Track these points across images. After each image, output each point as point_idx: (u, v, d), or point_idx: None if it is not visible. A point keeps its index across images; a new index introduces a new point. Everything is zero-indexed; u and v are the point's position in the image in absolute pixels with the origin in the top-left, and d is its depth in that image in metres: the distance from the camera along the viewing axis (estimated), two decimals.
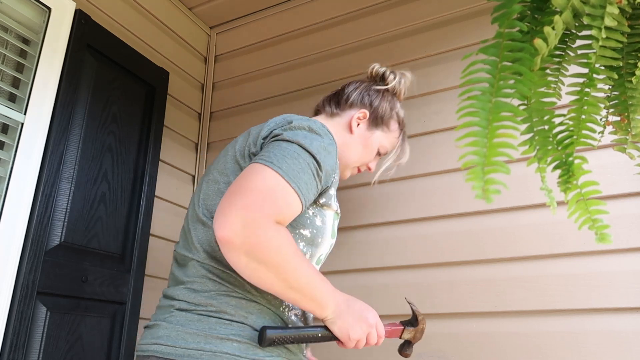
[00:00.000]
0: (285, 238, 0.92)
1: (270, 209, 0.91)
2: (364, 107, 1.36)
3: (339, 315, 0.99)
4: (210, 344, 0.93)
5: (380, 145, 1.38)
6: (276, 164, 0.95)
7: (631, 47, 0.60)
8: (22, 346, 1.38)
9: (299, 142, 1.00)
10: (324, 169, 1.02)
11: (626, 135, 0.66)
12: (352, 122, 1.34)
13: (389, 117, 1.38)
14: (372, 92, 1.39)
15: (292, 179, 0.95)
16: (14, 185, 1.43)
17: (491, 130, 0.46)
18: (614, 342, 1.32)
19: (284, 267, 0.92)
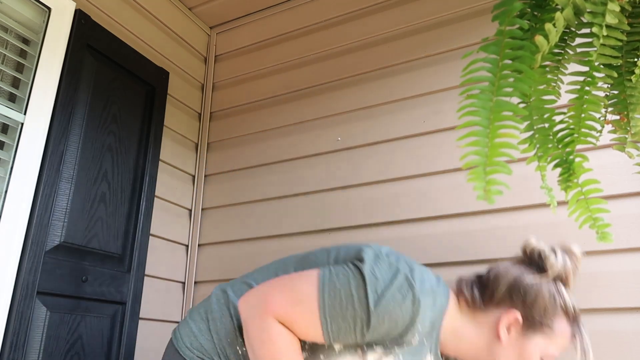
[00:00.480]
0: (274, 337, 0.94)
1: (280, 308, 0.94)
2: (513, 306, 1.05)
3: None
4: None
5: (545, 355, 1.06)
6: (328, 285, 0.95)
7: (631, 46, 0.60)
8: (22, 346, 1.38)
9: (367, 288, 0.93)
10: (372, 333, 0.94)
11: (625, 134, 0.65)
12: (500, 330, 1.04)
13: (552, 314, 1.05)
14: (526, 284, 1.06)
15: (324, 311, 0.94)
16: (14, 185, 1.43)
17: (492, 129, 0.46)
18: (614, 342, 1.32)
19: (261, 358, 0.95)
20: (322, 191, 1.88)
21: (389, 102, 1.84)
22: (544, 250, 1.08)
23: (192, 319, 1.12)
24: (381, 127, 1.84)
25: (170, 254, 2.00)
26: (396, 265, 0.99)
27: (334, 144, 1.82)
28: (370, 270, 0.96)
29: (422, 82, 1.80)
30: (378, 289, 0.94)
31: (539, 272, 1.07)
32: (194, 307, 1.16)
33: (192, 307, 1.14)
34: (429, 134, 1.74)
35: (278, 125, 2.07)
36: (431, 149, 1.72)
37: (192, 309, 1.16)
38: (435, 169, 1.69)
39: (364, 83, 1.92)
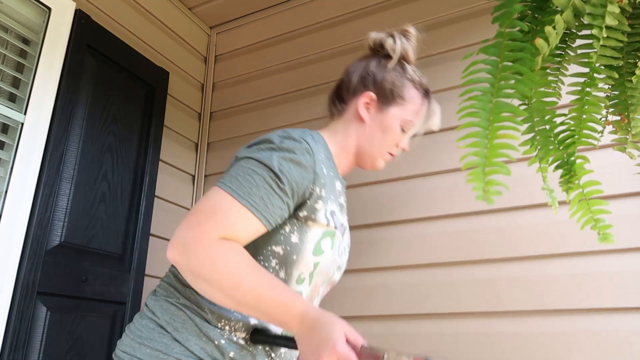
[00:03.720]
0: (224, 252, 0.90)
1: (211, 226, 0.92)
2: (367, 89, 1.20)
3: (304, 336, 0.91)
4: (131, 347, 0.98)
5: (402, 121, 1.20)
6: (227, 183, 0.96)
7: (631, 47, 0.60)
8: (22, 346, 1.38)
9: (256, 158, 0.98)
10: (289, 181, 0.97)
11: (626, 134, 0.65)
12: (360, 110, 1.19)
13: (400, 86, 1.20)
14: (372, 67, 1.22)
15: (240, 196, 0.94)
16: (14, 185, 1.43)
17: (492, 130, 0.46)
18: (614, 342, 1.32)
19: (224, 283, 0.90)
20: None
21: None
22: (382, 37, 1.23)
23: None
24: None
25: None
26: (269, 137, 1.05)
27: None
28: (249, 148, 1.03)
29: None
30: (265, 148, 1.01)
31: (382, 58, 1.22)
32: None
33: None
34: (428, 134, 1.74)
35: (278, 125, 2.07)
36: (431, 149, 1.72)
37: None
38: (435, 169, 1.69)
39: None
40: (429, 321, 1.56)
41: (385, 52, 1.23)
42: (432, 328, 1.55)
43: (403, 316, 1.60)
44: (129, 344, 0.98)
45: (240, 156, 1.02)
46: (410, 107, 1.21)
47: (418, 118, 1.23)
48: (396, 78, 1.20)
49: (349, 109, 1.23)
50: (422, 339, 1.55)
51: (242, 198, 0.93)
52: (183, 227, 0.94)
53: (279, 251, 1.03)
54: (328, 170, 1.08)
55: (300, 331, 0.90)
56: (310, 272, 1.08)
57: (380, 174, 1.78)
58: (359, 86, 1.22)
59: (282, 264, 1.03)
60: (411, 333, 1.57)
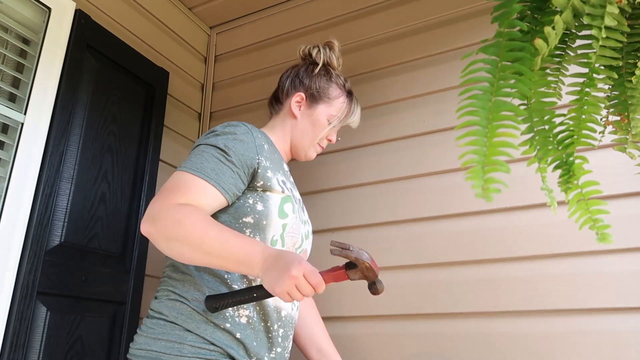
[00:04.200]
0: (187, 211, 1.02)
1: (171, 196, 1.06)
2: (297, 91, 1.44)
3: (266, 271, 0.99)
4: (146, 343, 1.09)
5: (328, 116, 1.44)
6: (182, 165, 1.12)
7: (631, 47, 0.60)
8: (22, 346, 1.38)
9: (204, 142, 1.16)
10: (235, 153, 1.14)
11: (626, 134, 0.66)
12: (292, 108, 1.42)
13: (326, 87, 1.45)
14: (301, 72, 1.47)
15: (194, 170, 1.09)
16: (14, 185, 1.43)
17: (491, 129, 0.46)
18: (614, 342, 1.32)
19: (191, 236, 1.00)
20: (322, 191, 1.88)
21: (389, 102, 1.84)
22: (309, 48, 1.52)
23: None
24: (381, 127, 1.83)
25: None
26: (213, 129, 1.24)
27: (333, 144, 1.82)
28: (202, 139, 1.21)
29: (422, 82, 1.80)
30: (210, 136, 1.19)
31: (309, 64, 1.49)
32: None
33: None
34: (429, 134, 1.74)
35: None
36: (431, 149, 1.72)
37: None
38: (435, 169, 1.69)
39: (363, 83, 1.92)
40: (429, 321, 1.56)
41: (313, 60, 1.50)
42: (432, 328, 1.55)
43: (403, 316, 1.60)
44: (144, 342, 1.09)
45: (193, 147, 1.20)
46: (335, 104, 1.45)
47: (341, 113, 1.46)
48: (322, 80, 1.45)
49: (284, 108, 1.46)
50: (422, 339, 1.55)
51: (196, 171, 1.09)
52: (150, 205, 1.07)
53: (249, 220, 1.16)
54: (270, 148, 1.27)
55: (263, 267, 0.99)
56: (281, 234, 1.21)
57: (381, 173, 1.78)
58: (291, 88, 1.46)
59: (255, 230, 1.16)
60: (411, 333, 1.57)
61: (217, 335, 1.08)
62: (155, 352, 1.05)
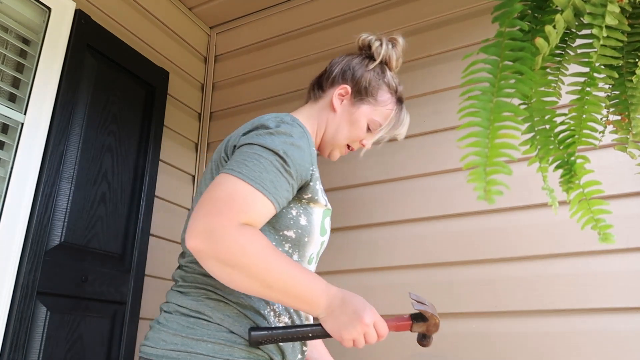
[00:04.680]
0: (251, 238, 0.91)
1: (232, 213, 0.91)
2: (345, 82, 1.28)
3: (331, 314, 0.95)
4: (186, 345, 0.97)
5: (370, 120, 1.28)
6: (236, 169, 0.96)
7: (631, 46, 0.60)
8: (22, 346, 1.38)
9: (260, 143, 1.00)
10: (294, 164, 1.00)
11: (627, 134, 0.65)
12: (334, 100, 1.27)
13: (376, 87, 1.28)
14: (355, 64, 1.30)
15: (253, 180, 0.95)
16: (14, 185, 1.43)
17: (492, 130, 0.46)
18: (614, 342, 1.32)
19: (255, 267, 0.91)
20: None
21: None
22: (370, 39, 1.32)
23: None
24: None
25: (170, 254, 2.00)
26: (263, 123, 1.07)
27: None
28: (247, 135, 1.05)
29: (422, 82, 1.80)
30: (264, 133, 1.03)
31: (365, 58, 1.31)
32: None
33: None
34: (429, 134, 1.74)
35: None
36: (431, 149, 1.72)
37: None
38: (435, 169, 1.69)
39: None
40: None
41: (370, 53, 1.31)
42: None
43: None
44: (181, 342, 0.97)
45: (241, 143, 1.03)
46: (381, 109, 1.28)
47: (386, 122, 1.30)
48: (374, 79, 1.28)
49: (325, 97, 1.30)
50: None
51: (255, 182, 0.94)
52: (202, 214, 0.92)
53: (290, 235, 1.06)
54: (314, 150, 1.13)
55: (328, 309, 0.95)
56: (317, 252, 1.14)
57: (381, 173, 1.78)
58: (338, 78, 1.29)
59: (295, 247, 1.07)
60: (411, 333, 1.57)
61: None
62: (202, 355, 0.96)
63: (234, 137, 1.09)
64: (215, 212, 0.91)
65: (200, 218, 0.92)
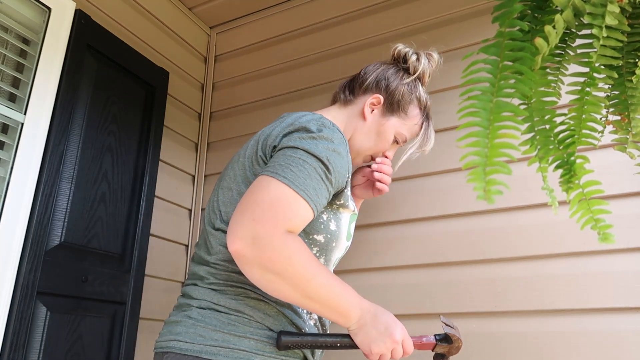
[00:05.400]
0: (296, 247, 0.92)
1: (279, 220, 0.91)
2: (378, 92, 1.27)
3: (362, 327, 0.97)
4: (228, 341, 0.96)
5: (397, 133, 1.28)
6: (281, 173, 0.95)
7: (631, 47, 0.60)
8: (22, 346, 1.38)
9: (304, 148, 0.99)
10: (334, 171, 1.00)
11: (626, 134, 0.65)
12: (365, 109, 1.26)
13: (408, 101, 1.27)
14: (389, 75, 1.29)
15: (298, 187, 0.94)
16: (14, 185, 1.43)
17: (492, 130, 0.46)
18: (614, 342, 1.32)
19: (298, 277, 0.91)
20: None
21: None
22: (408, 52, 1.32)
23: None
24: None
25: (170, 254, 2.00)
26: (305, 125, 1.06)
27: None
28: (289, 136, 1.04)
29: None
30: (307, 137, 1.02)
31: (403, 71, 1.30)
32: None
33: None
34: None
35: None
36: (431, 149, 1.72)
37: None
38: (435, 169, 1.69)
39: None
40: (429, 321, 1.56)
41: (407, 67, 1.30)
42: (432, 328, 1.54)
43: (403, 316, 1.60)
44: (222, 338, 0.97)
45: (284, 146, 1.02)
46: (409, 123, 1.29)
47: (412, 137, 1.31)
48: (407, 92, 1.27)
49: (356, 102, 1.29)
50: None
51: (300, 189, 0.94)
52: (247, 218, 0.92)
53: (320, 239, 1.07)
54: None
55: (360, 322, 0.97)
56: (341, 256, 1.15)
57: None
58: (372, 86, 1.28)
59: (323, 251, 1.08)
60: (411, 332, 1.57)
61: None
62: (245, 351, 0.96)
63: (273, 137, 1.08)
64: (261, 218, 0.91)
65: (247, 222, 0.91)
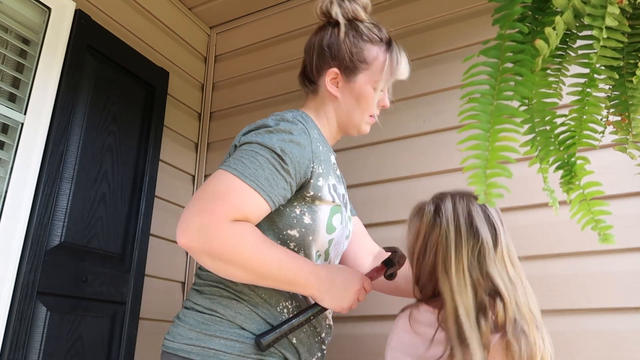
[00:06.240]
0: (241, 233, 0.94)
1: (224, 210, 0.94)
2: (329, 66, 1.19)
3: (326, 291, 1.02)
4: (200, 339, 1.00)
5: (372, 83, 1.19)
6: (232, 166, 0.98)
7: (631, 47, 0.60)
8: (22, 346, 1.38)
9: (257, 141, 1.01)
10: (292, 161, 1.01)
11: (627, 135, 0.66)
12: (329, 89, 1.19)
13: (360, 50, 1.18)
14: (327, 41, 1.19)
15: (247, 177, 0.96)
16: (14, 185, 1.43)
17: (493, 133, 0.46)
18: (614, 342, 1.32)
19: (247, 261, 0.95)
20: None
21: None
22: (327, 5, 1.20)
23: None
24: (381, 127, 1.83)
25: (170, 254, 2.00)
26: (264, 122, 1.08)
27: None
28: (247, 134, 1.06)
29: (422, 82, 1.80)
30: (263, 132, 1.03)
31: (333, 27, 1.19)
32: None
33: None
34: (429, 134, 1.74)
35: None
36: (431, 149, 1.72)
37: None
38: (436, 169, 1.69)
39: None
40: None
41: (334, 21, 1.20)
42: None
43: None
44: (195, 337, 1.00)
45: (240, 142, 1.05)
46: (376, 66, 1.19)
47: (385, 73, 1.20)
48: (352, 45, 1.18)
49: (319, 87, 1.22)
50: None
51: (249, 179, 0.96)
52: (193, 210, 0.95)
53: (294, 234, 1.07)
54: (322, 146, 1.12)
55: (320, 288, 1.01)
56: (326, 249, 1.14)
57: (380, 173, 1.78)
58: (320, 64, 1.21)
59: (300, 246, 1.08)
60: None
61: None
62: (214, 350, 0.98)
63: (237, 137, 1.11)
64: (208, 209, 0.94)
65: (192, 214, 0.95)
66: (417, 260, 1.05)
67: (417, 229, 1.07)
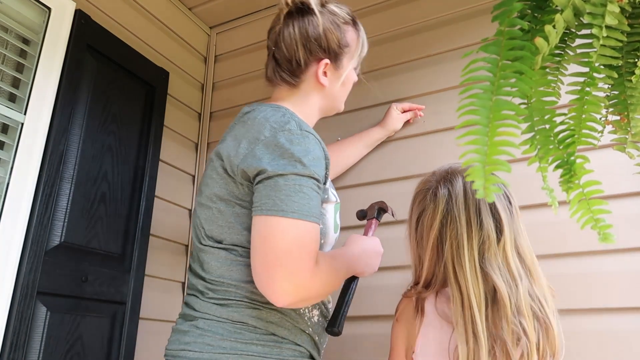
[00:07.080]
0: (324, 273, 1.01)
1: (307, 261, 0.95)
2: (318, 58, 1.17)
3: (365, 265, 1.19)
4: (235, 348, 0.99)
5: (353, 62, 1.24)
6: (286, 209, 0.94)
7: (631, 46, 0.60)
8: (22, 346, 1.38)
9: (293, 172, 0.97)
10: (321, 177, 1.03)
11: (626, 134, 0.66)
12: (321, 79, 1.18)
13: (342, 36, 1.18)
14: (311, 32, 1.16)
15: (307, 215, 0.96)
16: (14, 185, 1.43)
17: (492, 128, 0.46)
18: (614, 342, 1.32)
19: (332, 287, 1.07)
20: None
21: (389, 101, 1.84)
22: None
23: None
24: None
25: (170, 254, 2.00)
26: (274, 140, 1.03)
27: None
28: (271, 162, 1.00)
29: (422, 82, 1.80)
30: (287, 156, 0.99)
31: (307, 15, 1.17)
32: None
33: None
34: (429, 134, 1.74)
35: None
36: (431, 149, 1.72)
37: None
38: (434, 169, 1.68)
39: (363, 83, 1.92)
40: None
41: (309, 8, 1.17)
42: None
43: None
44: (230, 346, 1.00)
45: (269, 175, 0.98)
46: (353, 48, 1.22)
47: (359, 53, 1.24)
48: (334, 31, 1.17)
49: (305, 80, 1.19)
50: None
51: (308, 217, 0.97)
52: (280, 273, 0.93)
53: None
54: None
55: (359, 267, 1.18)
56: (333, 247, 1.21)
57: (380, 173, 1.78)
58: (308, 57, 1.17)
59: None
60: None
61: (303, 339, 1.09)
62: (254, 355, 1.00)
63: (240, 157, 1.05)
64: (293, 267, 0.93)
65: (283, 281, 0.93)
66: (432, 250, 1.09)
67: (430, 218, 1.10)
